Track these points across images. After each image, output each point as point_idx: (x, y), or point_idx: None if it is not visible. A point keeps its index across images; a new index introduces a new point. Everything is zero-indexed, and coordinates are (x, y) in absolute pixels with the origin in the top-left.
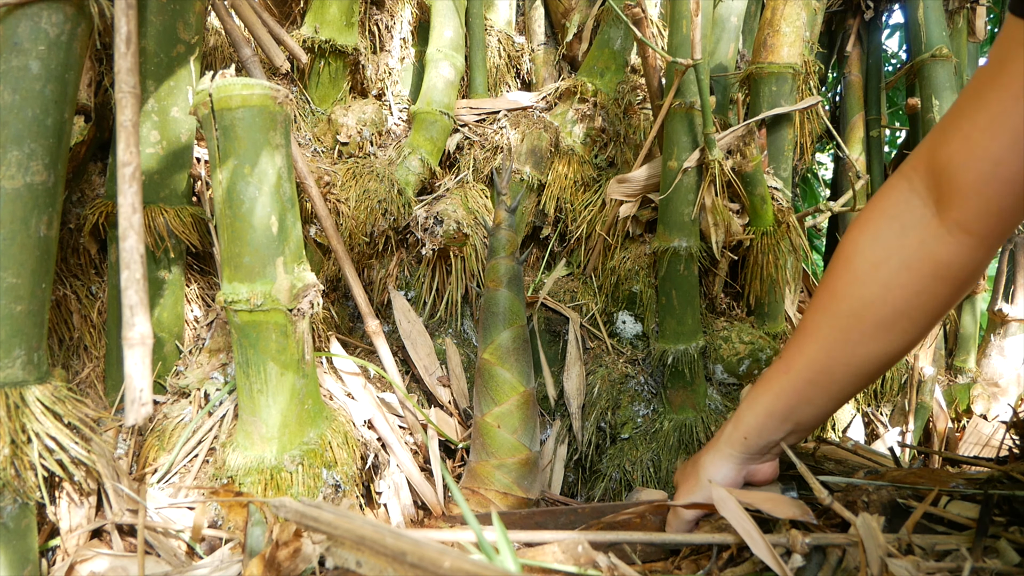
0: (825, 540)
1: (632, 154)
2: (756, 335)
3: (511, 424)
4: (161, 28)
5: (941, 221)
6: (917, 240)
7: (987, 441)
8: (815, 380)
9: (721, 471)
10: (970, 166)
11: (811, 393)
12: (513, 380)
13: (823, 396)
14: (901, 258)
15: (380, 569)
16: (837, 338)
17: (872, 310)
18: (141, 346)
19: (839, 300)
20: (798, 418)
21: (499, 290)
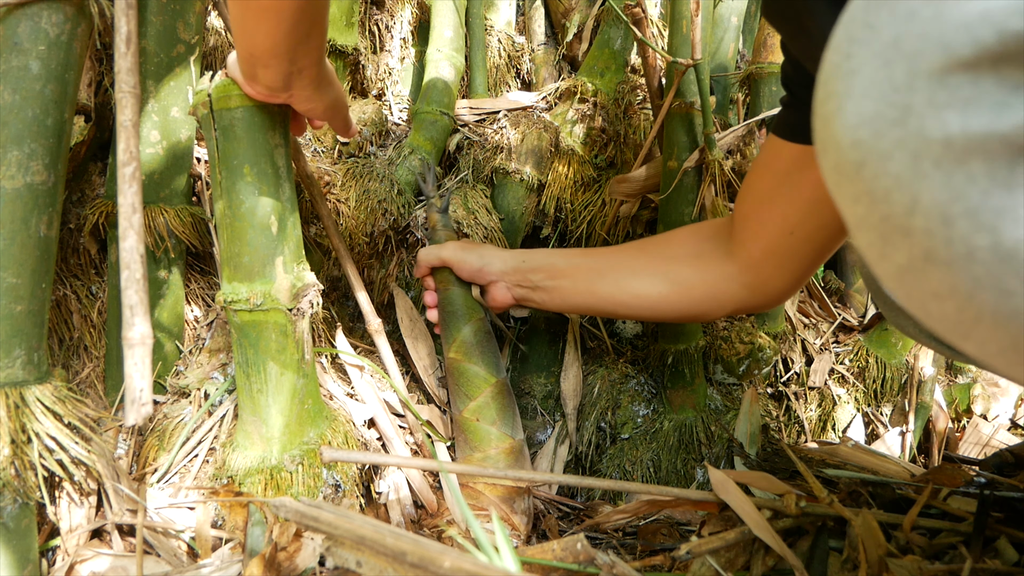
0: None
1: (632, 154)
2: (756, 335)
3: (489, 415)
4: (161, 28)
5: (734, 263)
6: (717, 265)
7: (987, 441)
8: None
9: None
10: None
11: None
12: (483, 372)
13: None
14: (702, 265)
15: (380, 569)
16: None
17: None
18: (141, 346)
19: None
20: None
21: (450, 289)
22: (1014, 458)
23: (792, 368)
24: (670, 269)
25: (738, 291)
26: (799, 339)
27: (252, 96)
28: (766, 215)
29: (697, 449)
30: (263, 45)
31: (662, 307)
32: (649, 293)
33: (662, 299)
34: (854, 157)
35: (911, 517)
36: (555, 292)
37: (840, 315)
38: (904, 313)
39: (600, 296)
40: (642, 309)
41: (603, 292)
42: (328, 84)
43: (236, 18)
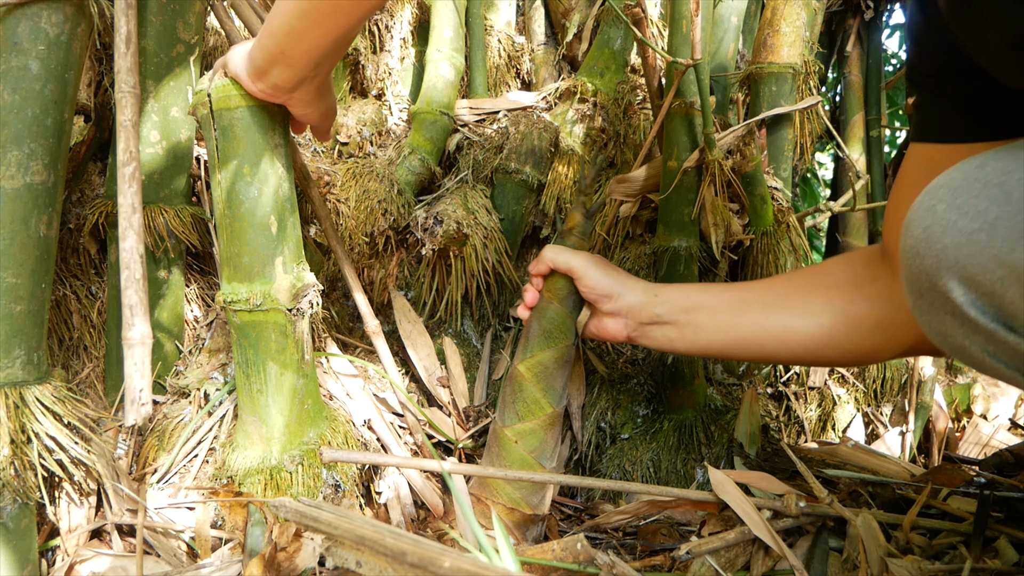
0: (820, 510)
1: (632, 154)
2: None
3: (530, 443)
4: (161, 28)
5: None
6: (887, 292)
7: (987, 441)
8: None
9: None
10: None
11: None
12: (542, 400)
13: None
14: (869, 293)
15: (380, 569)
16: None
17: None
18: (141, 346)
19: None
20: None
21: (552, 304)
22: (1014, 458)
23: (792, 368)
24: (830, 297)
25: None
26: None
27: (253, 94)
28: None
29: (697, 449)
30: (305, 47)
31: (822, 344)
32: (807, 327)
33: (823, 333)
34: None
35: (911, 517)
36: (688, 328)
37: None
38: (962, 317)
39: (745, 331)
40: (797, 347)
41: (749, 327)
42: (328, 92)
43: (288, 16)
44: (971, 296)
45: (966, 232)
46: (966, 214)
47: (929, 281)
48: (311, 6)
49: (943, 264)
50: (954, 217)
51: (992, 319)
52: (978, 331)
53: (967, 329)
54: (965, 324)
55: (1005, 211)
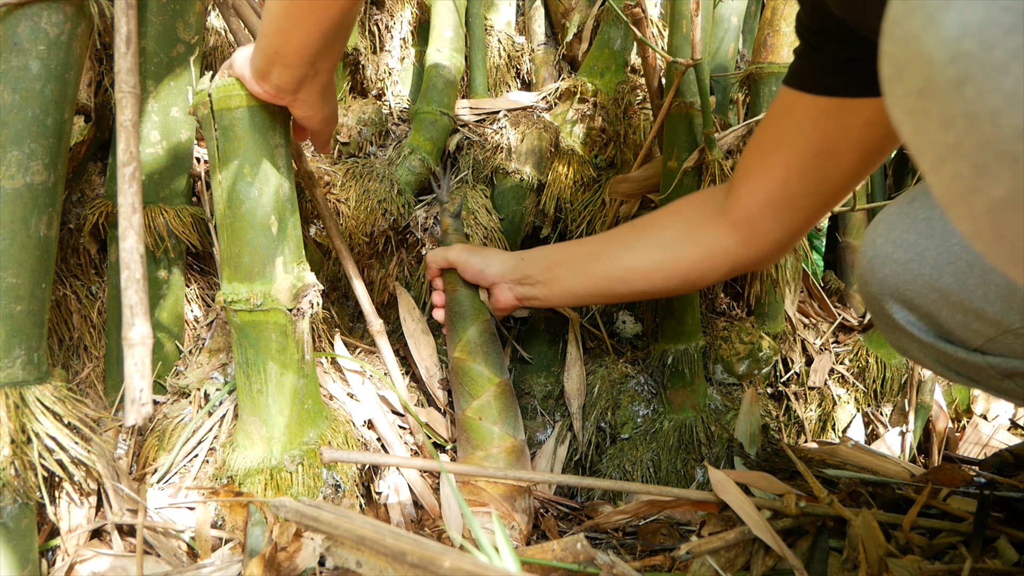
0: (820, 510)
1: (632, 154)
2: (756, 335)
3: (491, 415)
4: (161, 28)
5: (728, 220)
6: (710, 225)
7: (987, 441)
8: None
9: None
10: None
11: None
12: (487, 372)
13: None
14: (694, 227)
15: (380, 569)
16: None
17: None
18: (141, 346)
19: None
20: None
21: (458, 291)
22: (1014, 458)
23: (792, 368)
24: (661, 237)
25: (733, 247)
26: (799, 339)
27: (257, 95)
28: (769, 164)
29: (697, 449)
30: (294, 45)
31: (658, 276)
32: (643, 264)
33: (657, 267)
34: (953, 73)
35: (911, 517)
36: (554, 283)
37: (840, 315)
38: (908, 334)
39: (598, 277)
40: (640, 283)
41: (600, 273)
42: (332, 95)
43: (275, 15)
44: (912, 317)
45: (901, 262)
46: (900, 247)
47: (877, 305)
48: (291, 4)
49: (885, 291)
50: (890, 249)
51: (933, 336)
52: (925, 346)
53: (917, 344)
54: (914, 340)
55: (931, 242)
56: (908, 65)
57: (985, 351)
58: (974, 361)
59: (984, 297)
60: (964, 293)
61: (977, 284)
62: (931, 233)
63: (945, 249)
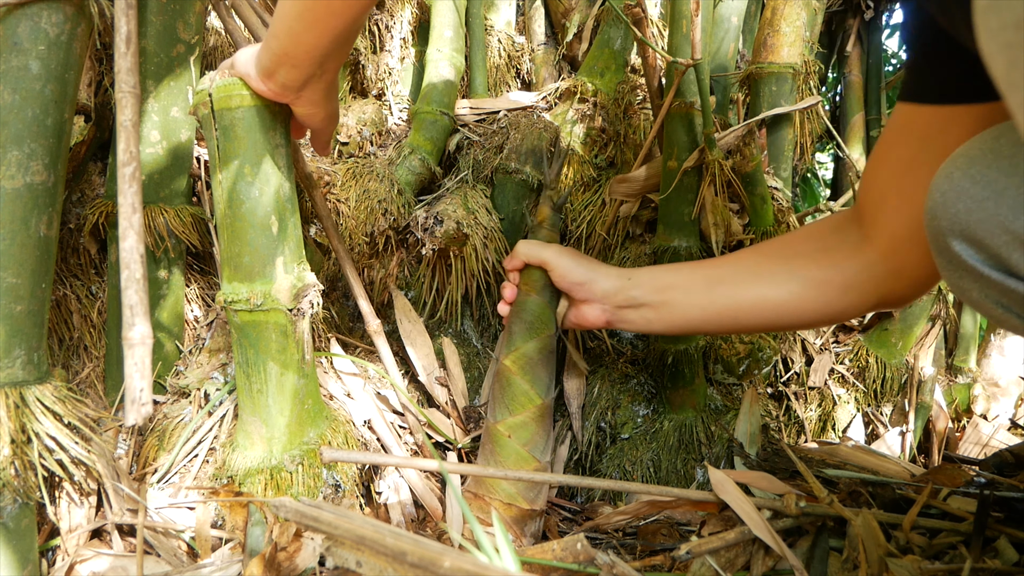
0: (820, 510)
1: (632, 154)
2: (756, 335)
3: (523, 436)
4: (161, 28)
5: (873, 250)
6: (852, 255)
7: (987, 441)
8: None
9: None
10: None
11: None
12: (531, 392)
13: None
14: (834, 258)
15: (380, 569)
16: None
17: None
18: (141, 346)
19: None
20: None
21: (531, 296)
22: (1014, 458)
23: (792, 368)
24: (797, 267)
25: (884, 279)
26: (799, 339)
27: (261, 93)
28: (909, 187)
29: (697, 449)
30: (305, 47)
31: (794, 310)
32: (778, 296)
33: (794, 300)
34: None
35: (911, 517)
36: (664, 307)
37: None
38: (972, 271)
39: (718, 307)
40: (771, 315)
41: (722, 301)
42: (334, 94)
43: (288, 18)
44: (980, 256)
45: (977, 199)
46: (978, 182)
47: (944, 241)
48: (306, 7)
49: (956, 227)
50: (967, 184)
51: (1001, 273)
52: (990, 285)
53: (980, 284)
54: (978, 279)
55: (1012, 181)
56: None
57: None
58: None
59: None
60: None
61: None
62: (1014, 172)
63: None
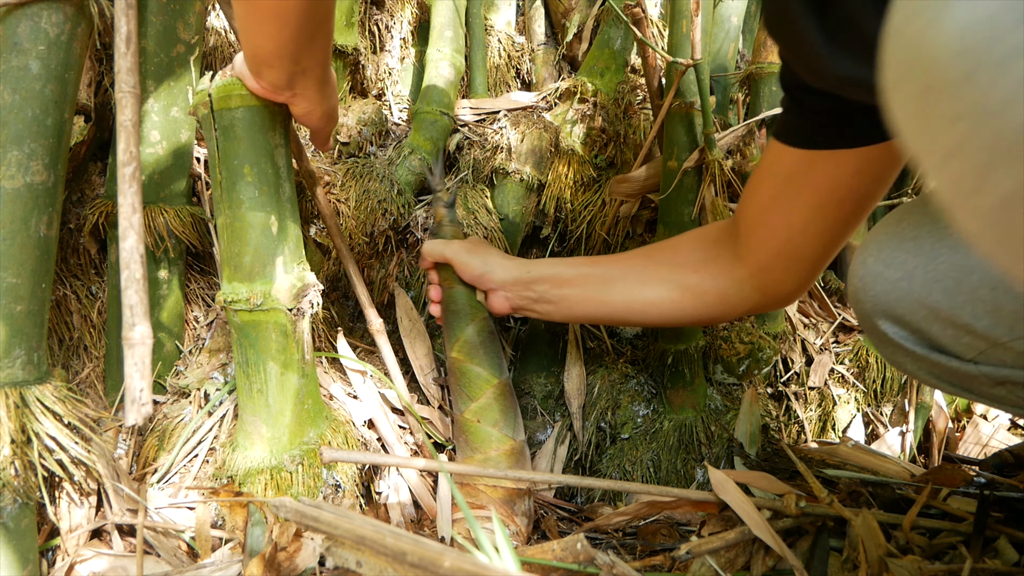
0: (820, 510)
1: (632, 154)
2: (756, 335)
3: (491, 417)
4: (161, 28)
5: (744, 268)
6: (727, 270)
7: (987, 441)
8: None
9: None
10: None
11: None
12: (485, 374)
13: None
14: (713, 270)
15: (380, 569)
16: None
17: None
18: (141, 346)
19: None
20: None
21: (454, 287)
22: (1014, 458)
23: (792, 368)
24: (681, 276)
25: (750, 294)
26: (799, 339)
27: (256, 92)
28: (773, 220)
29: (697, 449)
30: (266, 46)
31: (674, 313)
32: (661, 300)
33: (675, 306)
34: (959, 69)
35: (911, 517)
36: (562, 303)
37: (840, 315)
38: (901, 348)
39: (611, 305)
40: (653, 316)
41: (614, 301)
42: (331, 92)
43: (239, 18)
44: (904, 333)
45: (891, 281)
46: (890, 265)
47: (871, 322)
48: (246, 7)
49: (878, 308)
50: (880, 268)
51: (926, 348)
52: (919, 359)
53: (911, 358)
54: (907, 354)
55: (919, 260)
56: (913, 67)
57: (977, 361)
58: (967, 371)
59: (972, 313)
60: (953, 309)
61: (965, 301)
62: (919, 252)
63: (933, 267)
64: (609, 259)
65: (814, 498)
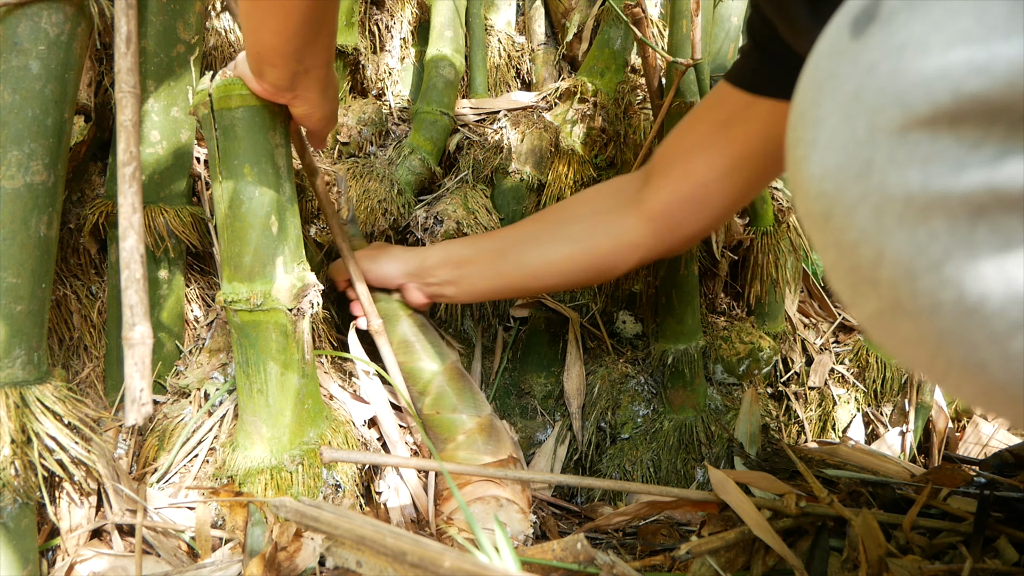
0: (820, 510)
1: (632, 154)
2: (756, 335)
3: (448, 404)
4: (161, 28)
5: (642, 212)
6: (623, 217)
7: (987, 441)
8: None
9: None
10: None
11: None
12: (427, 366)
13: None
14: (606, 219)
15: (380, 569)
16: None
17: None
18: (141, 346)
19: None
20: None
21: (374, 294)
22: (1014, 458)
23: (792, 368)
24: (572, 230)
25: (644, 239)
26: (799, 339)
27: (258, 93)
28: (693, 162)
29: (697, 449)
30: (270, 44)
31: (569, 269)
32: (554, 259)
33: (567, 261)
34: (820, 208)
35: (911, 517)
36: (463, 282)
37: (840, 315)
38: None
39: (508, 275)
40: (552, 278)
41: (510, 270)
42: (332, 94)
43: (244, 15)
44: None
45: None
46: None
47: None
48: (251, 6)
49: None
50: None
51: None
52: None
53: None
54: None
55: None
56: (796, 190)
57: None
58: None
59: None
60: None
61: None
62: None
63: None
64: (504, 229)
65: (814, 498)
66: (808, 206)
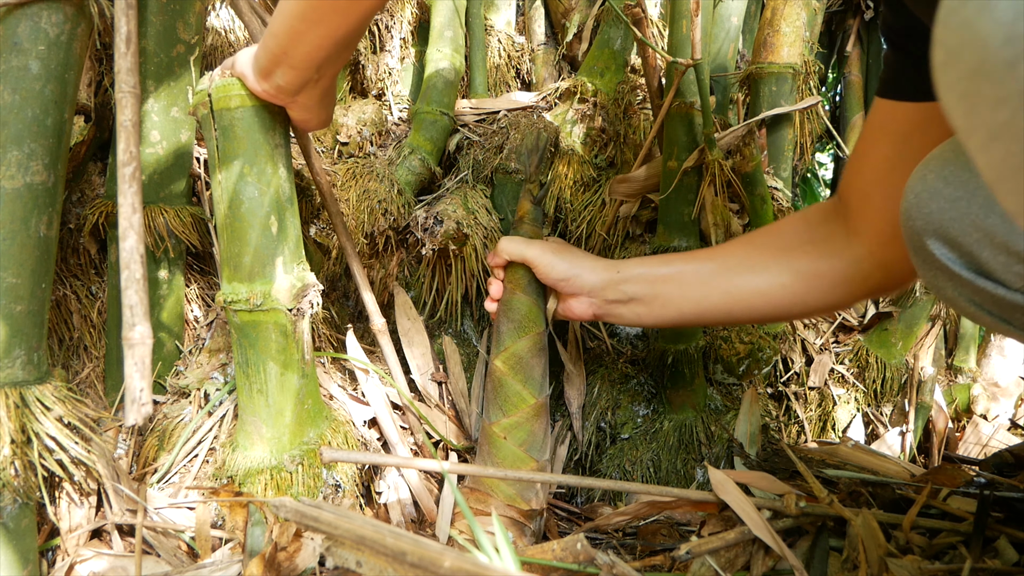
0: (820, 510)
1: (632, 154)
2: (756, 335)
3: (518, 436)
4: (161, 28)
5: (863, 244)
6: (842, 249)
7: (987, 441)
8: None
9: None
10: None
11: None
12: (523, 392)
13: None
14: (825, 251)
15: (380, 569)
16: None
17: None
18: (141, 346)
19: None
20: None
21: (516, 294)
22: (1014, 458)
23: (792, 368)
24: (790, 260)
25: (872, 272)
26: (799, 339)
27: (257, 94)
28: (893, 185)
29: (697, 449)
30: (304, 48)
31: (786, 301)
32: (771, 288)
33: (786, 292)
34: (1007, 55)
35: (911, 517)
36: (655, 302)
37: (840, 315)
38: (946, 271)
39: (714, 299)
40: (763, 308)
41: (717, 294)
42: (331, 101)
43: (289, 17)
44: (952, 255)
45: (950, 199)
46: (951, 183)
47: (919, 241)
48: (310, 6)
49: (930, 226)
50: (940, 185)
51: (972, 273)
52: (963, 283)
53: (954, 282)
54: (952, 278)
55: (982, 181)
56: (962, 49)
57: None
58: (1011, 300)
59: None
60: (1009, 236)
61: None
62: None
63: None
64: (705, 252)
65: (814, 498)
66: (984, 57)
